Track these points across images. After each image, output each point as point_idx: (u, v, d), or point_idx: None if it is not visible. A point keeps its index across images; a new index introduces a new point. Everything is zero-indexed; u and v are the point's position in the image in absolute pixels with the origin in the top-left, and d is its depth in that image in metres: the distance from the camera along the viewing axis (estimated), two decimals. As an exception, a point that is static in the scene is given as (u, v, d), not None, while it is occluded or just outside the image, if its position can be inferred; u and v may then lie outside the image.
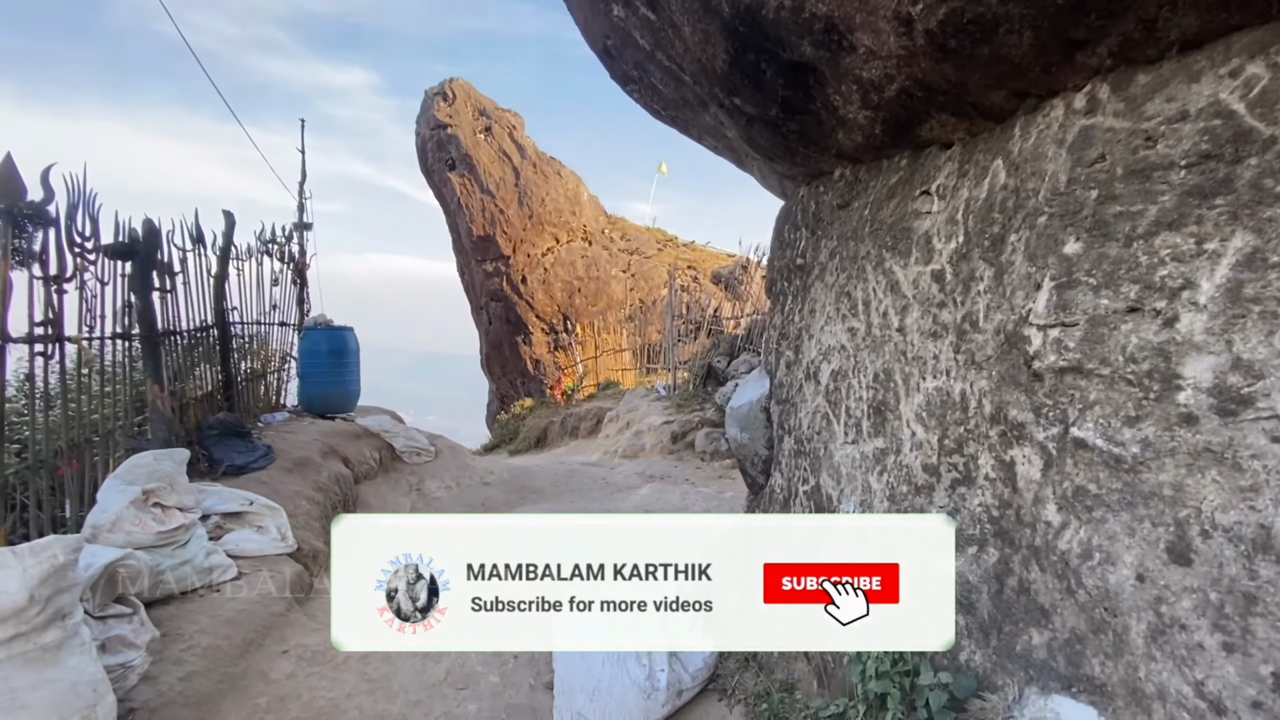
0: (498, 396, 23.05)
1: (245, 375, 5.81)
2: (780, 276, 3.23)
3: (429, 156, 20.75)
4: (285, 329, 6.95)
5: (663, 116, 4.55)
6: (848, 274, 2.22)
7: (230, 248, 5.10)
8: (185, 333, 4.58)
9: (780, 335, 3.11)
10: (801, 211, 2.93)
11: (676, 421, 9.08)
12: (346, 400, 7.29)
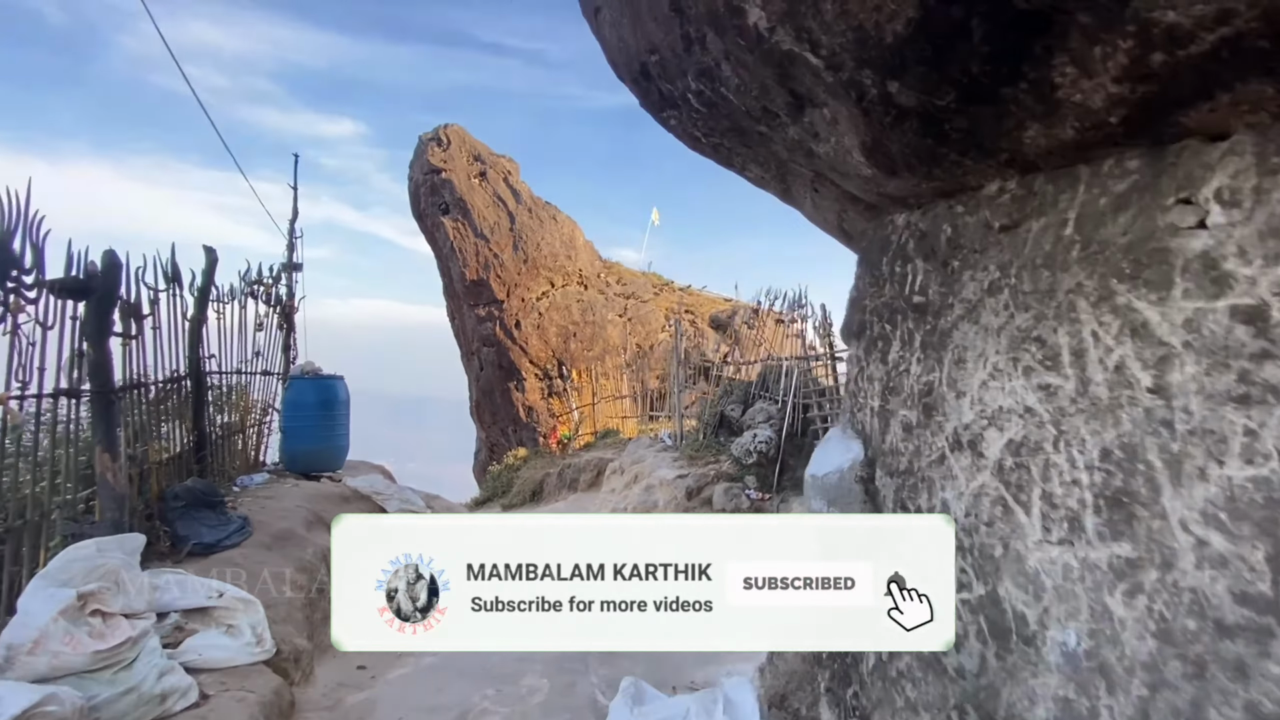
0: (487, 445, 22.17)
1: (221, 431, 5.11)
2: (878, 318, 2.71)
3: (422, 201, 20.49)
4: (269, 378, 6.28)
5: (703, 144, 4.11)
6: (1034, 314, 1.70)
7: (210, 288, 4.50)
8: (153, 385, 3.93)
9: (887, 389, 2.56)
10: (915, 239, 2.43)
11: (690, 475, 8.43)
12: (334, 457, 6.58)
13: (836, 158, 2.47)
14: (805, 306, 8.63)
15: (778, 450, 8.21)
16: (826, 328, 8.03)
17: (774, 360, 9.45)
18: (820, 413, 7.85)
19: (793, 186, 4.07)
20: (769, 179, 4.14)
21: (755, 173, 4.14)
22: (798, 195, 4.15)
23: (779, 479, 8.08)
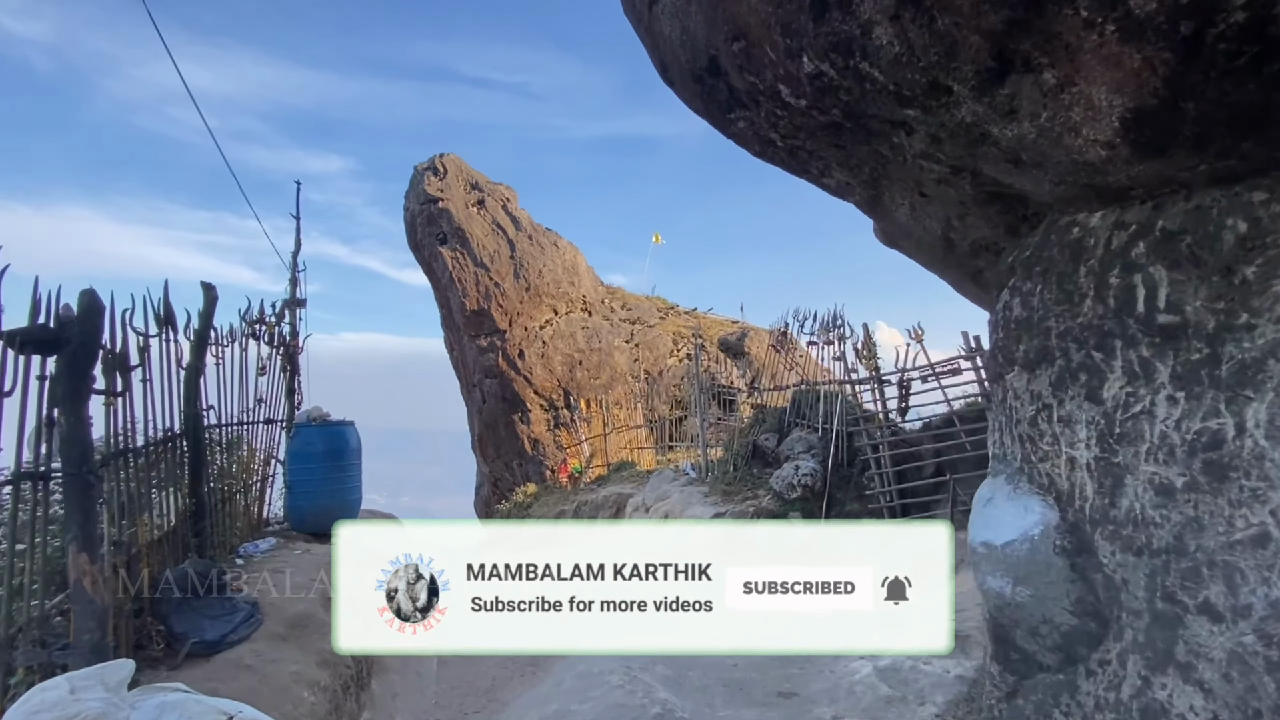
0: (490, 480, 21.35)
1: (223, 493, 4.45)
2: (1075, 343, 2.15)
3: (418, 232, 19.99)
4: (271, 427, 5.62)
5: (776, 148, 3.58)
6: None
7: (209, 331, 3.89)
8: (143, 449, 3.29)
9: (1109, 436, 1.99)
10: (1154, 242, 1.88)
11: (728, 513, 7.79)
12: (346, 514, 5.89)
13: (1043, 138, 1.92)
14: (842, 326, 8.10)
15: (824, 483, 7.61)
16: (870, 349, 7.50)
17: (807, 385, 8.89)
18: (870, 441, 7.27)
19: (885, 193, 3.53)
20: (855, 185, 3.61)
21: (838, 178, 3.61)
22: (890, 202, 3.61)
23: (827, 514, 7.46)
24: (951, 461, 6.99)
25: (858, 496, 7.44)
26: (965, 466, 6.80)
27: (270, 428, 5.64)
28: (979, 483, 6.46)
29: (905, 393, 7.09)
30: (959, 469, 6.79)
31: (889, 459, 7.12)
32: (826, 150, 3.25)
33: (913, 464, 7.10)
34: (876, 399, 7.38)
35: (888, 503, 6.99)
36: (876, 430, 7.33)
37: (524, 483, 17.81)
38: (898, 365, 7.14)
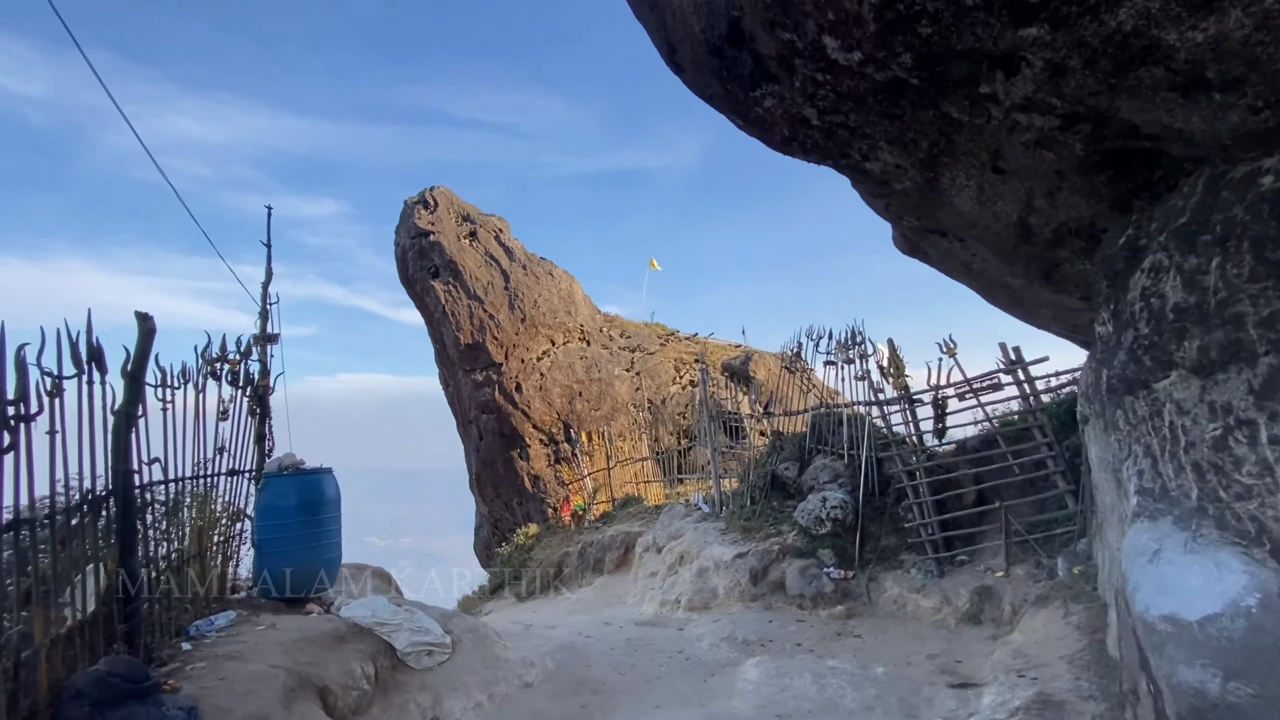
0: (490, 520, 20.45)
1: (168, 562, 3.76)
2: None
3: (410, 266, 19.53)
4: (238, 479, 4.95)
5: (810, 128, 3.10)
6: None
7: (145, 370, 3.26)
8: (46, 518, 2.63)
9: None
10: None
11: (751, 553, 7.07)
12: (324, 572, 5.19)
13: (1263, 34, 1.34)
14: (862, 343, 7.52)
15: (855, 515, 6.92)
16: (897, 366, 6.90)
17: (827, 408, 8.26)
18: (904, 467, 6.61)
19: (945, 174, 2.95)
20: (907, 167, 3.05)
21: (885, 161, 3.05)
22: (949, 186, 3.04)
23: (861, 550, 6.76)
24: (994, 487, 6.33)
25: (894, 529, 6.75)
26: (1011, 492, 6.14)
27: (235, 479, 4.97)
28: (1031, 510, 5.72)
29: (941, 413, 6.46)
30: (1005, 494, 6.13)
31: (927, 487, 6.46)
32: (876, 124, 2.69)
33: (952, 491, 6.43)
34: (908, 421, 6.74)
35: (929, 535, 6.30)
36: (911, 455, 6.67)
37: (525, 523, 16.95)
38: (929, 383, 6.53)
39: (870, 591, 6.32)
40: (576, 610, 8.85)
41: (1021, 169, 2.63)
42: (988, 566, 5.96)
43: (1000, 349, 6.24)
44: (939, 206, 3.43)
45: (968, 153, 2.72)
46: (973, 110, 2.27)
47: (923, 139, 2.74)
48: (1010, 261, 3.46)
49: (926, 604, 5.86)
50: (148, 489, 3.52)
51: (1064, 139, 2.17)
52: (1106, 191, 2.44)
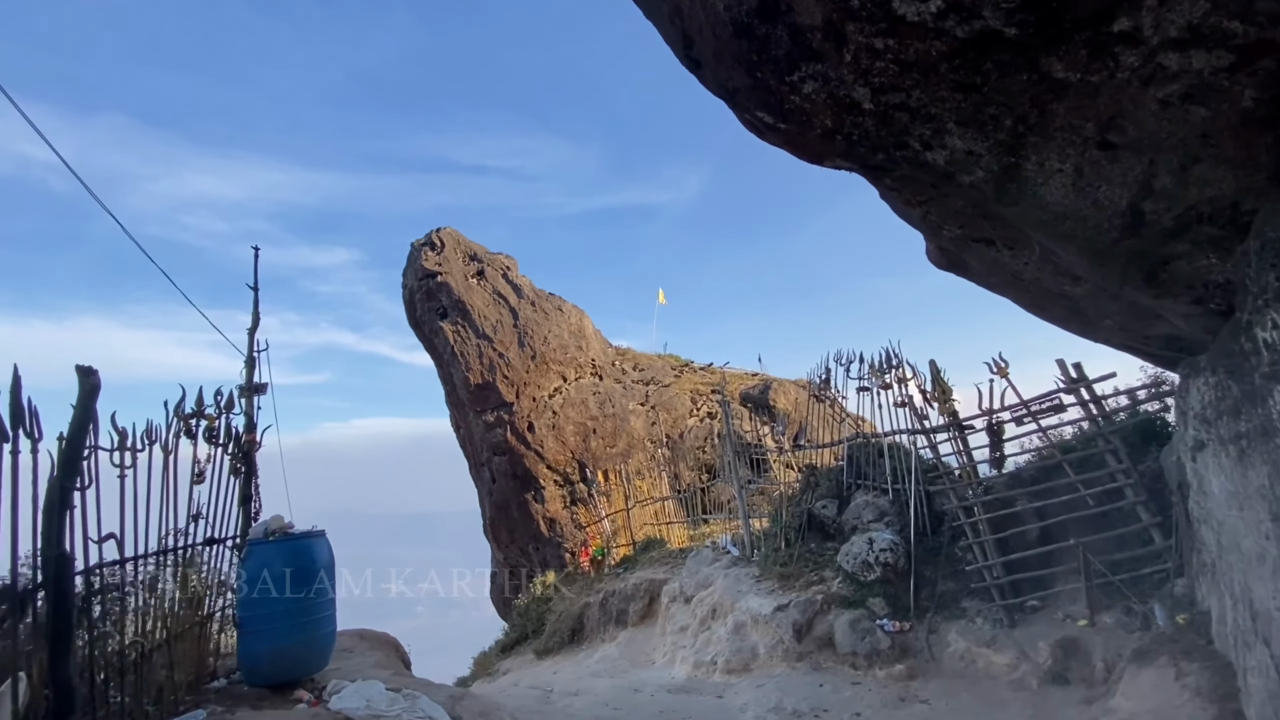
0: (506, 567, 19.66)
1: (123, 656, 3.20)
2: None
3: (418, 308, 19.28)
4: (217, 549, 4.42)
5: (862, 114, 2.65)
6: None
7: (85, 434, 2.76)
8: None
9: None
10: None
11: (792, 604, 6.36)
12: (315, 654, 4.60)
13: None
14: (900, 366, 6.93)
15: (908, 559, 6.22)
16: (942, 390, 6.29)
17: (863, 439, 7.62)
18: (960, 503, 5.94)
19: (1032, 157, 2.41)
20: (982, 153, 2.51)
21: (954, 146, 2.52)
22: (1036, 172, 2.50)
23: (916, 598, 6.04)
24: (1061, 521, 5.62)
25: (952, 572, 6.04)
26: (1082, 526, 5.44)
27: (216, 550, 4.43)
28: (1108, 546, 4.90)
29: (997, 439, 5.82)
30: (1075, 529, 5.43)
31: (987, 524, 5.78)
32: (945, 100, 2.19)
33: (1016, 529, 5.74)
34: (959, 450, 6.10)
35: (994, 579, 5.59)
36: (967, 488, 6.01)
37: (541, 569, 16.19)
38: (981, 407, 5.91)
39: (932, 646, 5.59)
40: (600, 671, 8.11)
41: (1145, 139, 2.07)
42: (1066, 614, 5.24)
43: (1059, 366, 5.63)
44: (1015, 202, 2.89)
45: (1067, 127, 2.18)
46: (1090, 63, 1.75)
47: (1006, 115, 2.21)
48: (1102, 262, 2.90)
49: (1000, 660, 5.12)
50: (95, 573, 2.99)
51: (1229, 86, 1.64)
52: (1268, 158, 1.90)
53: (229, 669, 4.51)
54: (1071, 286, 5.12)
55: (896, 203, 5.47)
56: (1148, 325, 5.19)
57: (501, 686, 8.50)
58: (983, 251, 5.40)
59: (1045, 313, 6.27)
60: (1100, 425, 5.39)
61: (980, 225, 5.00)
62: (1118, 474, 5.28)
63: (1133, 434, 5.59)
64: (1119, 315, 5.16)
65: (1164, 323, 4.87)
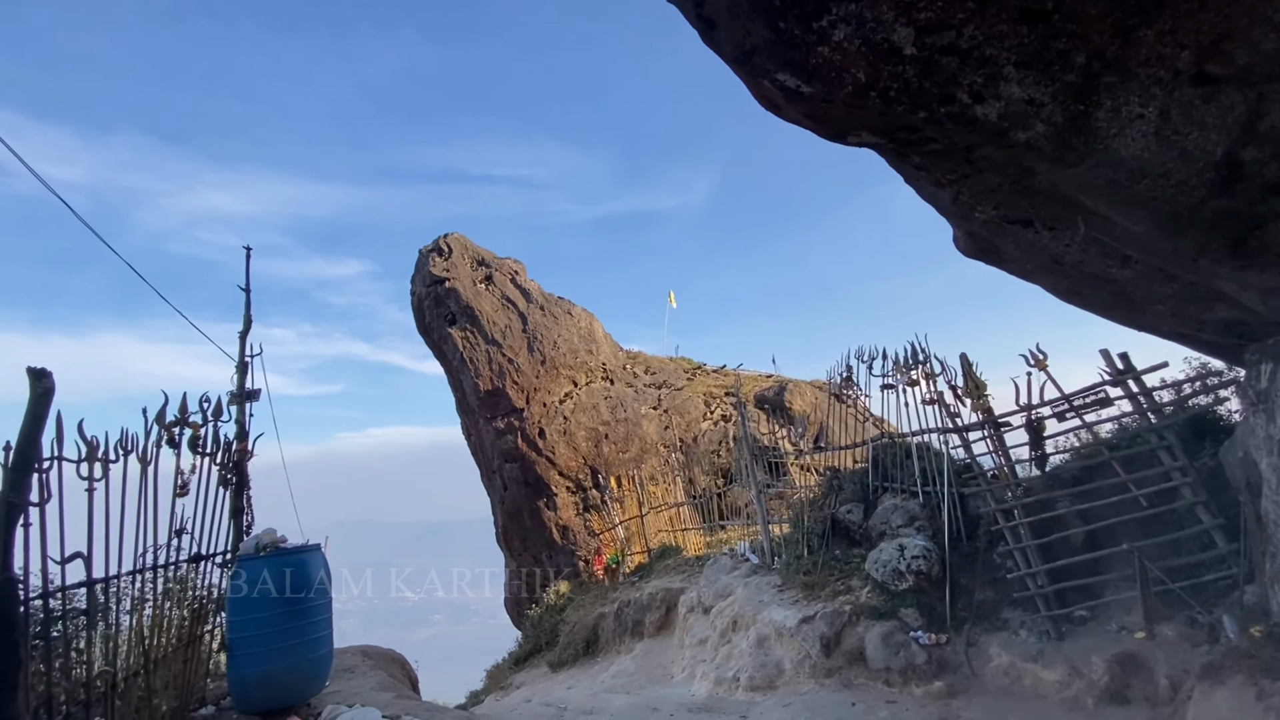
0: (519, 575, 19.35)
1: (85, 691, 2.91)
2: None
3: (427, 315, 19.10)
4: (204, 565, 4.14)
5: (903, 62, 2.37)
6: None
7: (36, 444, 2.48)
8: None
9: None
10: None
11: (819, 616, 5.97)
12: (311, 675, 4.31)
13: None
14: (927, 362, 6.54)
15: (942, 566, 5.82)
16: (976, 386, 5.90)
17: (889, 439, 7.23)
18: (998, 505, 5.53)
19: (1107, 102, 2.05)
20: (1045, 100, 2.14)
21: (1011, 95, 2.14)
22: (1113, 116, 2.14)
23: (952, 608, 5.64)
24: (1109, 526, 5.20)
25: (990, 581, 5.63)
26: (1136, 530, 5.02)
27: (203, 567, 4.15)
28: (1163, 551, 4.46)
29: (1038, 437, 5.42)
30: (1127, 534, 5.01)
31: (1027, 528, 5.37)
32: (1006, 36, 1.87)
33: (1060, 533, 5.32)
34: (994, 449, 5.70)
35: (1038, 588, 5.19)
36: (1005, 490, 5.60)
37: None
38: (1018, 402, 5.51)
39: (972, 660, 5.18)
40: (616, 687, 7.75)
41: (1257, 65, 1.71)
42: (1121, 625, 4.82)
43: (1103, 356, 5.22)
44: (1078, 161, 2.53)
45: (1155, 59, 1.81)
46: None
47: (1078, 50, 1.85)
48: (1179, 230, 2.53)
49: (1049, 676, 4.71)
50: (54, 596, 2.71)
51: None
52: None
53: (221, 693, 4.22)
54: (1119, 269, 4.73)
55: (924, 184, 5.11)
56: (1205, 309, 4.77)
57: (513, 704, 8.17)
58: (1019, 234, 5.03)
59: (1084, 300, 5.86)
60: (1151, 420, 4.98)
61: (1018, 205, 4.63)
62: (1173, 472, 4.87)
63: (1183, 429, 5.17)
64: (1172, 299, 4.76)
65: (1225, 305, 4.46)
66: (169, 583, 3.73)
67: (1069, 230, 4.62)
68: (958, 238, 5.95)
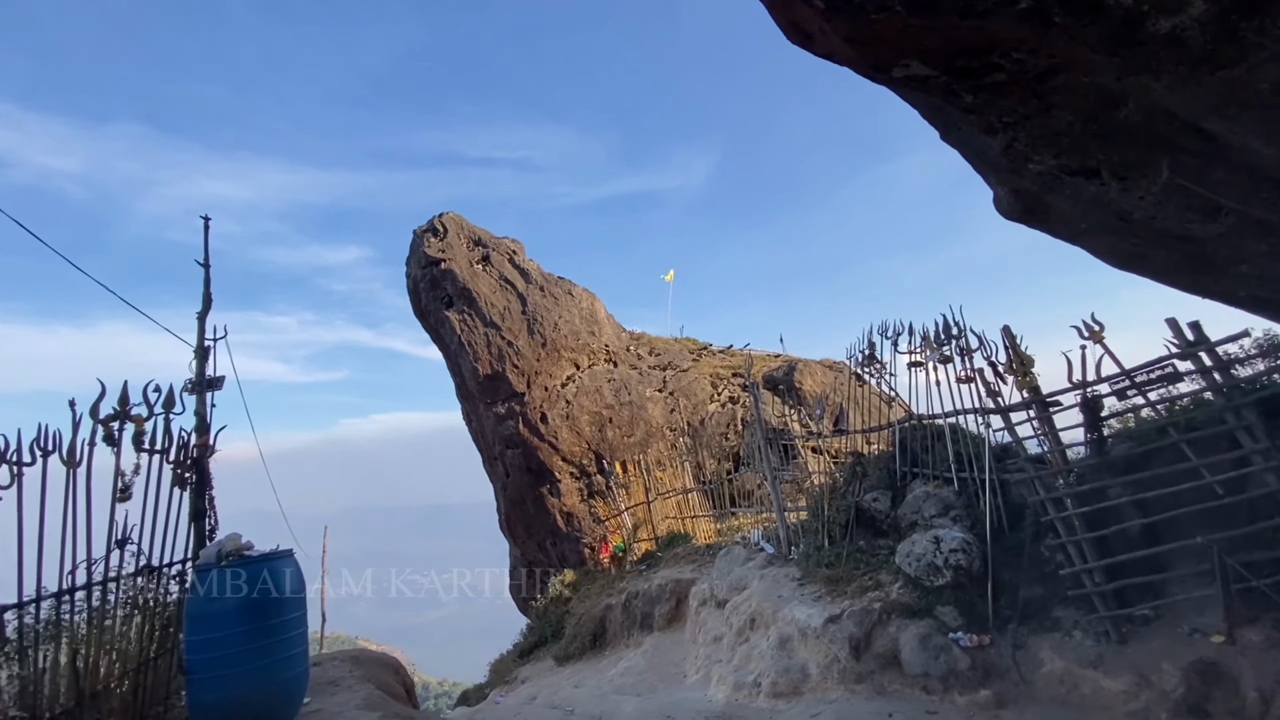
0: (524, 563, 19.02)
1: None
2: None
3: (423, 298, 18.51)
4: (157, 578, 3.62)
5: None
6: None
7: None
8: None
9: None
10: None
11: (846, 614, 5.47)
12: (282, 699, 3.81)
13: None
14: (962, 337, 5.96)
15: (983, 561, 5.30)
16: (1021, 362, 5.32)
17: (917, 420, 6.68)
18: (1047, 494, 4.99)
19: None
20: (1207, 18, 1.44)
21: None
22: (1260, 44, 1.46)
23: (995, 606, 5.13)
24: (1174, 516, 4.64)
25: (1037, 577, 5.11)
26: (1209, 520, 4.45)
27: (156, 580, 3.63)
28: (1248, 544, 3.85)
29: (1095, 418, 4.85)
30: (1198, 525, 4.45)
31: (1081, 519, 4.83)
32: None
33: (1119, 524, 4.78)
34: (1043, 431, 5.14)
35: (1095, 585, 4.66)
36: (1056, 476, 5.05)
37: (559, 565, 15.48)
38: (1071, 379, 4.94)
39: (1020, 665, 4.68)
40: (626, 687, 7.31)
41: None
42: (1193, 627, 4.30)
43: (1169, 326, 4.63)
44: (1240, 57, 1.88)
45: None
46: None
47: None
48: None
49: (1113, 685, 4.20)
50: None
51: None
52: None
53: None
54: (1202, 224, 4.11)
55: (969, 133, 4.47)
56: (1304, 270, 4.17)
57: (516, 705, 7.74)
58: (1078, 188, 4.40)
59: (1145, 264, 5.25)
60: (1228, 396, 4.41)
61: (1086, 150, 4.00)
62: (1254, 456, 4.30)
63: (1263, 408, 4.59)
64: (1263, 258, 4.15)
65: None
66: (108, 603, 3.21)
67: (1146, 179, 4.00)
68: (999, 197, 5.32)
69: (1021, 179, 4.60)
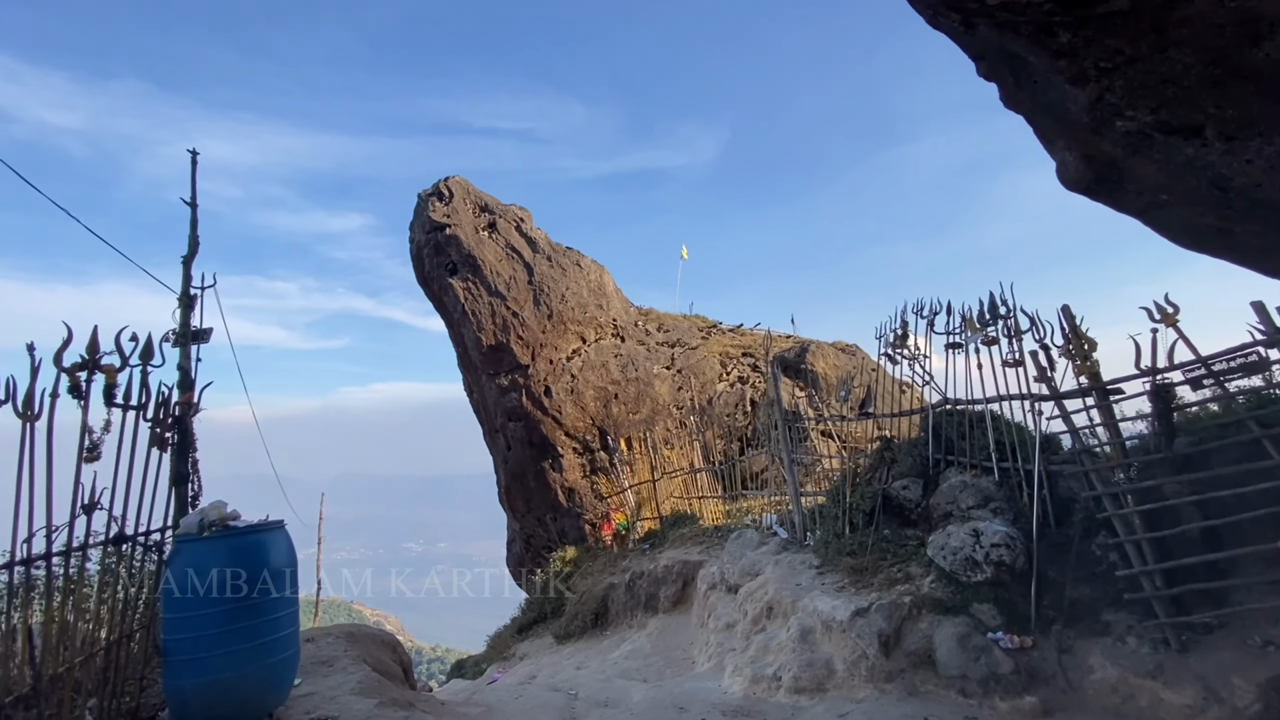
0: (523, 537, 18.81)
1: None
2: None
3: (426, 264, 17.98)
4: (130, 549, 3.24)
5: None
6: None
7: None
8: None
9: None
10: None
11: (874, 608, 5.12)
12: (269, 683, 3.45)
13: None
14: (1010, 316, 5.53)
15: (1028, 557, 4.94)
16: (1081, 345, 4.88)
17: (953, 404, 6.27)
18: (1105, 489, 4.60)
19: None
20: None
21: None
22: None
23: (1038, 606, 4.78)
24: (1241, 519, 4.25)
25: (1089, 576, 4.75)
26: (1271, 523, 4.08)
27: (129, 551, 3.25)
28: None
29: (1167, 408, 4.44)
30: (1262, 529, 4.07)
31: (1139, 518, 4.45)
32: None
33: (1182, 525, 4.40)
34: (1101, 421, 4.73)
35: (1154, 589, 4.30)
36: (1114, 470, 4.66)
37: (560, 541, 15.24)
38: (1139, 365, 4.52)
39: (1068, 671, 4.34)
40: (631, 671, 7.02)
41: None
42: (1266, 639, 3.94)
43: (1255, 310, 4.19)
44: None
45: None
46: None
47: None
48: None
49: (1176, 699, 3.86)
50: None
51: None
52: None
53: (155, 707, 3.38)
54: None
55: (1058, 80, 3.96)
56: None
57: (514, 683, 7.47)
58: (1172, 150, 3.91)
59: (1227, 241, 4.77)
60: (1319, 390, 3.99)
61: (1195, 102, 3.51)
62: (1345, 456, 3.90)
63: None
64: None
65: None
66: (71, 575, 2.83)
67: (1260, 138, 3.53)
68: (1066, 163, 4.82)
69: (1102, 140, 4.11)
